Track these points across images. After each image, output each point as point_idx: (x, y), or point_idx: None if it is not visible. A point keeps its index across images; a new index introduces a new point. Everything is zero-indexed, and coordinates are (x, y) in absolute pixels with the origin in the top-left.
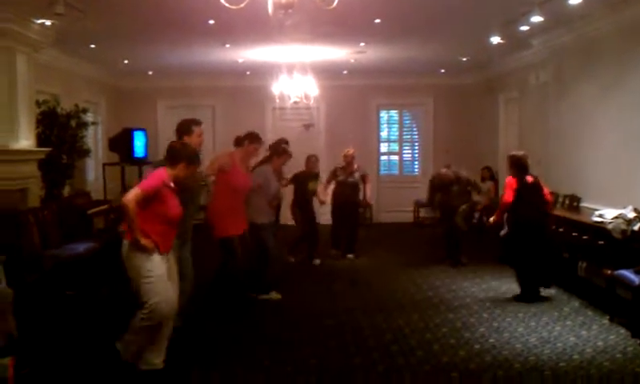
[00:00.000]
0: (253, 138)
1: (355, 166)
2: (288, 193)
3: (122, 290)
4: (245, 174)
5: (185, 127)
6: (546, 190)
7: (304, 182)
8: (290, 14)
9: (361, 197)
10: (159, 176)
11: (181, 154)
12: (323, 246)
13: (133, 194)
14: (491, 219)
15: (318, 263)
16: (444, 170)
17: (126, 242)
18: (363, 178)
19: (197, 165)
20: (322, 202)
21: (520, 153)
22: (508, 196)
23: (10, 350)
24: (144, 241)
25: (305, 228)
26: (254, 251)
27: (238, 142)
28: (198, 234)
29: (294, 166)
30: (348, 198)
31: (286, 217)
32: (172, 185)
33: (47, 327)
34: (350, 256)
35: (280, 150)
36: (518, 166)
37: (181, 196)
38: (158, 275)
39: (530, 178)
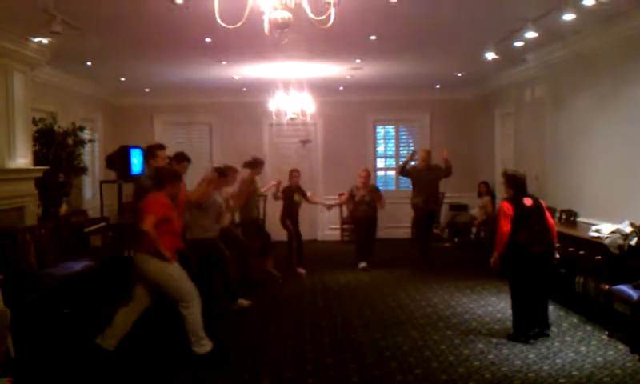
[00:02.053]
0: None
1: (370, 185)
2: (277, 206)
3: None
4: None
5: (150, 152)
6: (550, 216)
7: (291, 196)
8: (286, 32)
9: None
10: (162, 200)
11: (165, 177)
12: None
13: (149, 221)
14: (491, 261)
15: (304, 272)
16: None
17: (144, 259)
18: (378, 194)
19: (179, 181)
20: (330, 207)
21: (517, 171)
22: (503, 227)
23: (8, 370)
24: (166, 253)
25: (297, 236)
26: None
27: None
28: None
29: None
30: (367, 214)
31: (277, 233)
32: (170, 203)
33: (45, 346)
34: (363, 265)
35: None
36: (516, 186)
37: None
38: (180, 273)
39: (528, 201)
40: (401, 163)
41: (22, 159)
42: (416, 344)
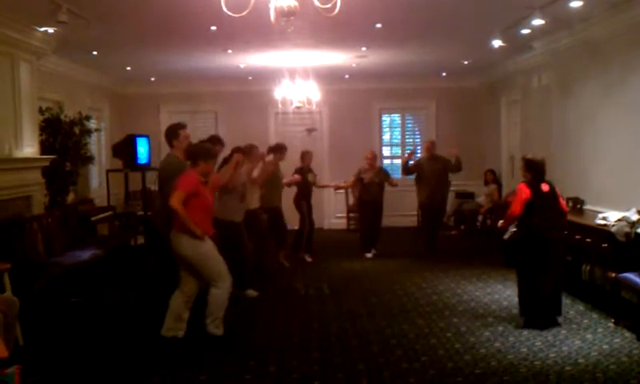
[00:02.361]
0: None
1: (377, 167)
2: (289, 192)
3: (127, 296)
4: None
5: (172, 133)
6: (563, 201)
7: (305, 176)
8: (292, 21)
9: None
10: (193, 177)
11: (197, 154)
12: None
13: (176, 197)
14: (499, 224)
15: (310, 260)
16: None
17: (176, 237)
18: (387, 176)
19: (212, 158)
20: (337, 188)
21: (538, 157)
22: (515, 208)
23: (16, 359)
24: (198, 231)
25: (310, 221)
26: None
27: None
28: None
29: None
30: (375, 198)
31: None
32: (203, 179)
33: (53, 335)
34: (369, 255)
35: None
36: (535, 171)
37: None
38: (214, 253)
39: (545, 187)
40: (401, 161)
41: (29, 148)
42: (422, 332)
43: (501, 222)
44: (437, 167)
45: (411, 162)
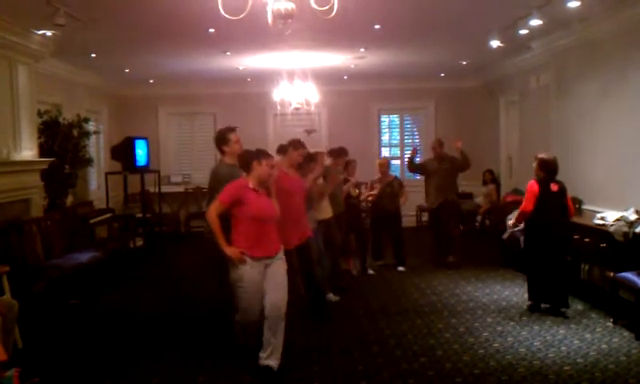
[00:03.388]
0: (296, 144)
1: (391, 175)
2: None
3: (127, 299)
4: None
5: (222, 138)
6: (570, 203)
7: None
8: (290, 23)
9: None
10: (237, 184)
11: (248, 159)
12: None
13: (213, 207)
14: (510, 222)
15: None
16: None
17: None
18: (400, 185)
19: (267, 157)
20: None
21: (550, 156)
22: (528, 204)
23: (15, 361)
24: (228, 250)
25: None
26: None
27: (282, 149)
28: None
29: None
30: (388, 207)
31: None
32: (256, 188)
33: (52, 337)
34: (401, 269)
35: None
36: (548, 170)
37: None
38: (248, 282)
39: (554, 186)
40: (407, 159)
41: (28, 151)
42: (421, 332)
43: (512, 221)
44: (444, 167)
45: (417, 159)
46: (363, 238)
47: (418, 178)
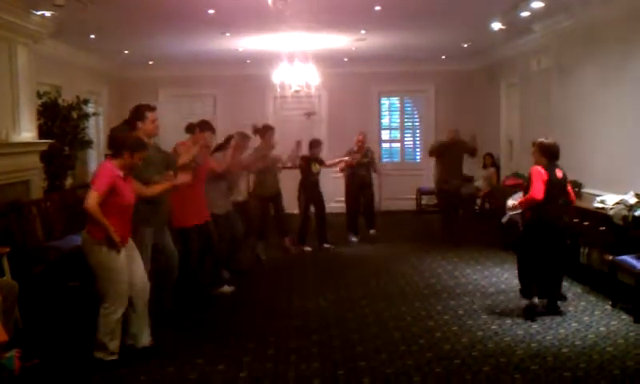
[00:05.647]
0: (203, 126)
1: (365, 148)
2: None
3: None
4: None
5: (138, 113)
6: (571, 189)
7: (309, 165)
8: (289, 3)
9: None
10: (108, 171)
11: (123, 144)
12: (338, 232)
13: (93, 199)
14: (510, 203)
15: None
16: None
17: (87, 239)
18: (373, 155)
19: (142, 151)
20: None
21: (550, 140)
22: (538, 191)
23: (16, 342)
24: (117, 237)
25: (318, 212)
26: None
27: (190, 129)
28: None
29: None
30: (363, 179)
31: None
32: (121, 174)
33: (52, 318)
34: (372, 232)
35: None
36: (550, 154)
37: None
38: (120, 267)
39: (559, 173)
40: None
41: (27, 133)
42: (419, 314)
43: (513, 203)
44: (454, 151)
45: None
46: (323, 215)
47: (418, 160)
